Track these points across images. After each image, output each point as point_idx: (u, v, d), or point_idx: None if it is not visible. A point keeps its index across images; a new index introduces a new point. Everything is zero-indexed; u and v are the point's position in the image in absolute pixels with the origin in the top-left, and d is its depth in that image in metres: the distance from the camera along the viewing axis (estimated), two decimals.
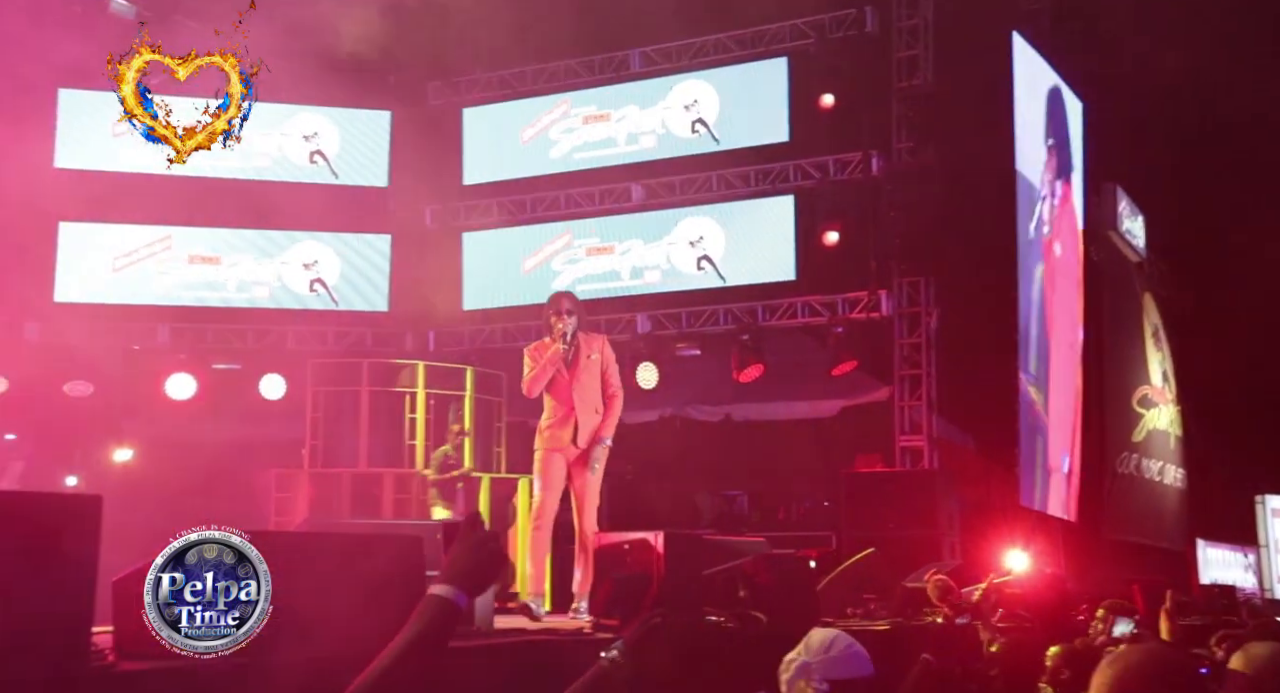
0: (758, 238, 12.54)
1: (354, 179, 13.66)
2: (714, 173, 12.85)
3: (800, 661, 2.87)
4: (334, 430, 11.37)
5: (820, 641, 2.89)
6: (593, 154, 13.40)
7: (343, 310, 13.51)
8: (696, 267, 12.73)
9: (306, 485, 11.04)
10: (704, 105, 12.85)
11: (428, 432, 11.36)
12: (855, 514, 10.79)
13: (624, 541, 5.79)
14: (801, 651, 2.90)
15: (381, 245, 13.63)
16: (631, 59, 13.37)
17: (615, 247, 13.14)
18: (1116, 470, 13.93)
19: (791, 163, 12.53)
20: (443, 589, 1.91)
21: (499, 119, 13.85)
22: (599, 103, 13.41)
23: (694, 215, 12.87)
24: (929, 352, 11.86)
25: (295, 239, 13.41)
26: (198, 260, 13.18)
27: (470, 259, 13.72)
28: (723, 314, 12.63)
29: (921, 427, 11.81)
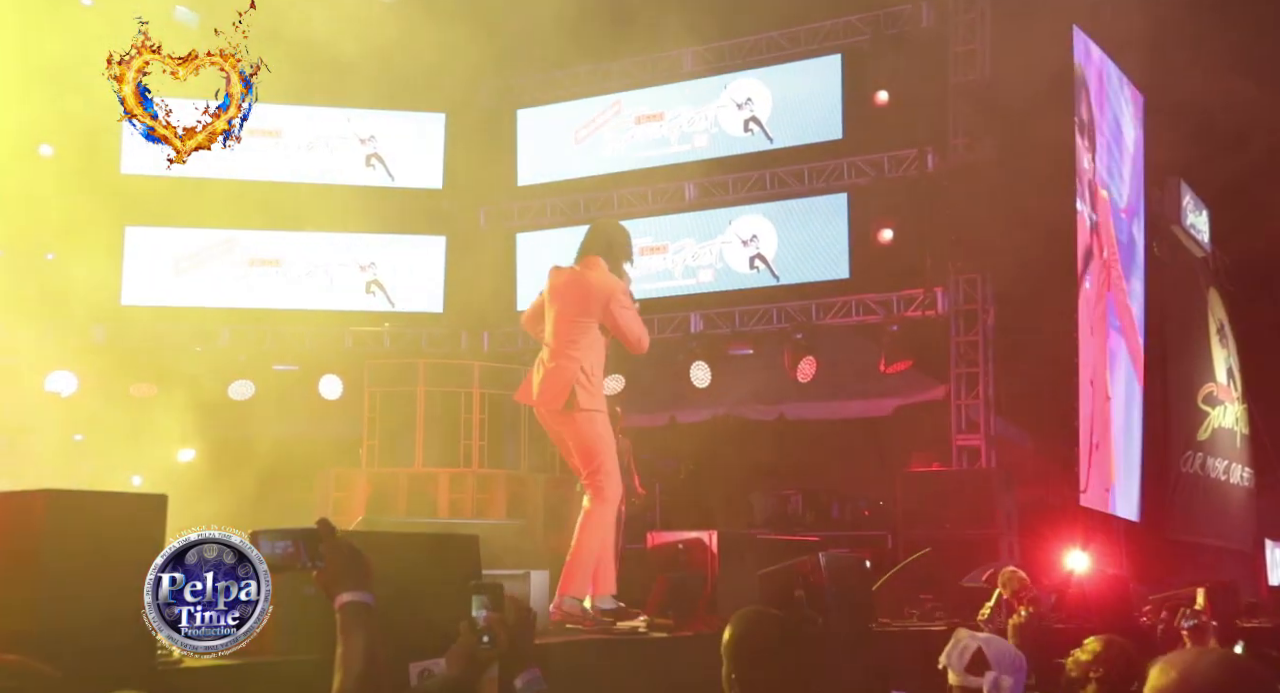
0: (811, 236, 12.47)
1: (410, 181, 13.80)
2: (767, 171, 12.80)
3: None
4: (390, 430, 11.51)
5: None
6: (646, 154, 13.41)
7: (399, 311, 13.67)
8: (750, 266, 12.69)
9: (364, 485, 11.20)
10: (757, 104, 12.81)
11: (482, 431, 11.46)
12: (911, 514, 10.69)
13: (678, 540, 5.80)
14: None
15: (436, 247, 13.76)
16: (684, 58, 13.36)
17: (668, 246, 13.14)
18: (1180, 469, 13.65)
19: (845, 160, 12.44)
20: (353, 596, 1.96)
21: (552, 120, 13.92)
22: (652, 103, 13.42)
23: (747, 214, 12.83)
24: (986, 349, 11.72)
25: (352, 242, 13.58)
26: (258, 263, 13.41)
27: (524, 259, 13.80)
28: (776, 313, 12.57)
29: (979, 425, 11.67)
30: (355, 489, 11.18)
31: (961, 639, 3.00)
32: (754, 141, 12.82)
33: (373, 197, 13.60)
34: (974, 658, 2.93)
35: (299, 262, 13.50)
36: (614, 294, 5.59)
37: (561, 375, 5.50)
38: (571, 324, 5.58)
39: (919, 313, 11.85)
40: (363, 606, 1.98)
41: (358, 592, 1.99)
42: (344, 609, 1.98)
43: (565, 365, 5.51)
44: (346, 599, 1.98)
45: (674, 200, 13.28)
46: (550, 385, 5.51)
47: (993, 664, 2.88)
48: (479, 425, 11.46)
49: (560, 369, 5.52)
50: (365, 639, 1.94)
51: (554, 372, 5.53)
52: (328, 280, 13.53)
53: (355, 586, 1.99)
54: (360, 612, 1.97)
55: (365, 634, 1.94)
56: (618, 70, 13.65)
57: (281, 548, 2.08)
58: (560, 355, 5.55)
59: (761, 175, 12.83)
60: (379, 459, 11.45)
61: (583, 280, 5.64)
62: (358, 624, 1.96)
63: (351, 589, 1.99)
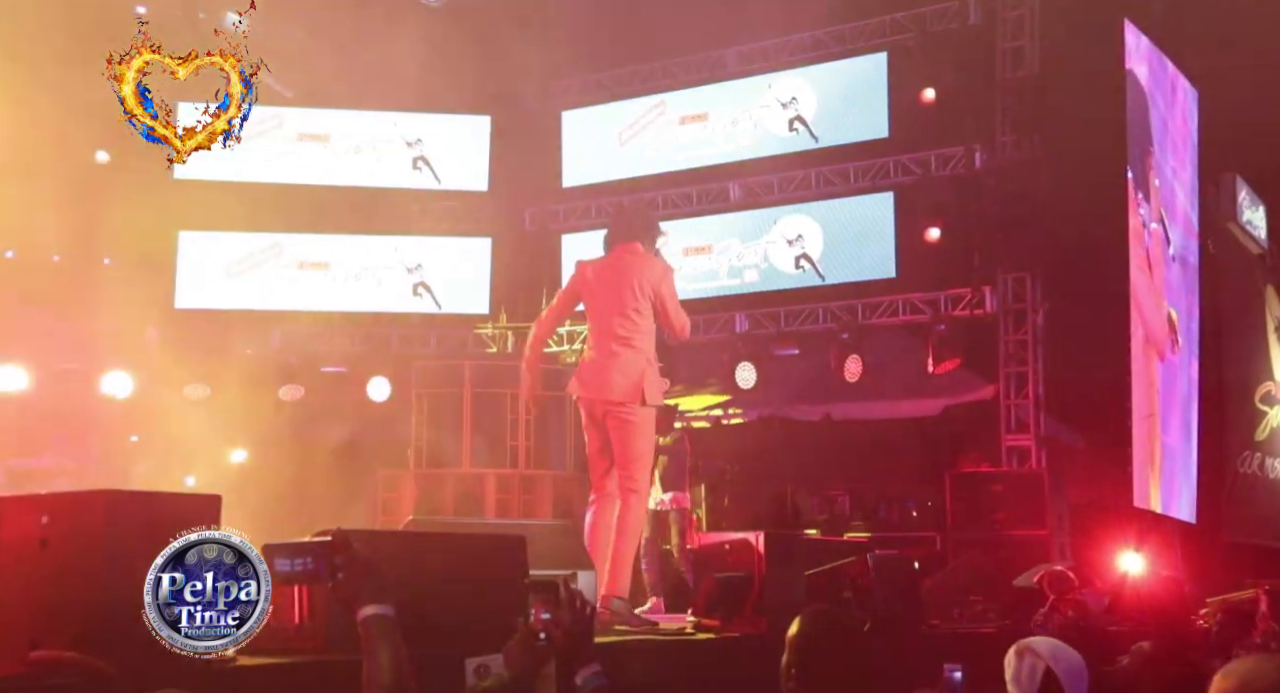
0: (857, 236, 12.39)
1: (455, 184, 13.90)
2: (812, 170, 12.74)
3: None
4: (437, 432, 11.60)
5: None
6: (690, 154, 13.39)
7: (445, 313, 13.77)
8: (795, 265, 12.63)
9: (411, 486, 11.30)
10: (802, 103, 12.75)
11: (528, 432, 11.51)
12: (961, 515, 10.59)
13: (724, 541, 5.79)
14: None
15: (482, 248, 13.84)
16: (728, 58, 13.33)
17: (713, 246, 13.11)
18: (1238, 470, 13.39)
19: (892, 159, 12.35)
20: (374, 609, 1.95)
21: (596, 121, 13.95)
22: (696, 103, 13.40)
23: (792, 214, 12.77)
24: (1035, 348, 11.58)
25: (399, 244, 13.70)
26: (307, 266, 13.57)
27: (569, 261, 13.82)
28: (822, 313, 12.51)
29: (1028, 425, 11.53)
30: (403, 490, 11.28)
31: (1025, 656, 2.84)
32: (799, 141, 12.76)
33: (419, 199, 13.72)
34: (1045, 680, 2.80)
35: (347, 264, 13.64)
36: (665, 275, 5.47)
37: (632, 368, 5.31)
38: (624, 315, 5.36)
39: (967, 312, 11.73)
40: (385, 618, 1.96)
41: (379, 605, 1.97)
42: (366, 623, 1.96)
43: (633, 357, 5.32)
44: (369, 613, 1.97)
45: (718, 200, 13.26)
46: (618, 378, 5.30)
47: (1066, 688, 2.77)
48: (525, 426, 11.51)
49: (629, 361, 5.31)
50: (391, 652, 1.93)
51: (620, 364, 5.32)
52: (375, 283, 13.66)
53: (375, 598, 1.97)
54: (383, 624, 1.96)
55: (390, 647, 1.93)
56: (661, 71, 13.65)
57: (301, 564, 2.03)
58: (624, 346, 5.33)
59: (807, 175, 12.77)
60: (426, 460, 11.54)
61: (628, 266, 5.45)
62: (382, 638, 1.94)
63: (372, 602, 1.97)
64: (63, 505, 3.38)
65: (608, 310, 5.43)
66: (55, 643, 3.12)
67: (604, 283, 5.48)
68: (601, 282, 5.50)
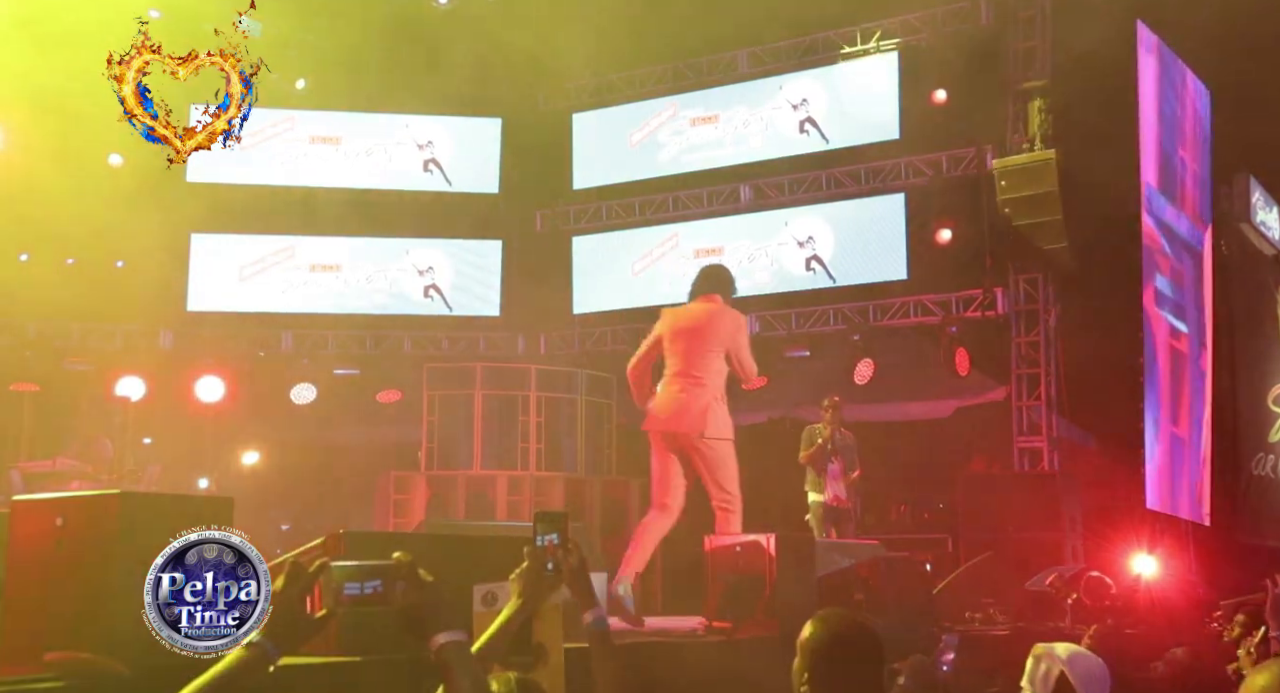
0: (868, 237, 12.36)
1: (466, 186, 13.92)
2: (823, 172, 12.72)
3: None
4: (449, 434, 11.61)
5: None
6: (701, 156, 13.39)
7: (456, 315, 13.79)
8: (806, 267, 12.61)
9: (423, 488, 11.31)
10: (813, 104, 12.74)
11: (540, 434, 11.52)
12: (972, 517, 10.54)
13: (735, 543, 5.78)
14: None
15: (493, 251, 13.86)
16: (739, 60, 13.32)
17: (724, 248, 13.10)
18: (1252, 472, 13.32)
19: (902, 160, 12.33)
20: (449, 636, 1.91)
21: (607, 123, 13.95)
22: (707, 105, 13.40)
23: (803, 215, 12.76)
24: (1048, 350, 11.54)
25: (410, 246, 13.73)
26: (319, 268, 13.60)
27: (580, 263, 13.85)
28: (833, 314, 12.49)
29: (1040, 427, 11.49)
30: (414, 492, 11.29)
31: (1043, 660, 2.85)
32: (810, 142, 12.74)
33: (430, 201, 13.75)
34: (1058, 684, 2.81)
35: (358, 267, 13.67)
36: (741, 326, 6.29)
37: (698, 402, 6.04)
38: (703, 356, 6.11)
39: (978, 314, 11.70)
40: (462, 644, 1.92)
41: (452, 631, 1.92)
42: (443, 650, 1.90)
43: (700, 394, 6.06)
44: (445, 640, 1.91)
45: (729, 202, 13.25)
46: (688, 412, 6.04)
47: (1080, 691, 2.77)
48: (536, 428, 11.52)
49: (696, 397, 6.05)
50: (471, 680, 1.89)
51: (692, 399, 6.06)
52: (386, 285, 13.69)
53: (448, 624, 1.92)
54: (460, 651, 1.91)
55: (470, 675, 1.89)
56: (672, 72, 13.65)
57: (372, 588, 1.96)
58: (697, 384, 6.08)
59: (817, 176, 12.75)
60: (438, 462, 11.55)
61: (713, 315, 6.22)
62: (460, 665, 1.90)
63: (445, 629, 1.92)
64: (77, 508, 3.40)
65: (688, 352, 6.15)
66: (70, 644, 3.14)
67: (685, 329, 6.23)
68: (684, 328, 6.24)
